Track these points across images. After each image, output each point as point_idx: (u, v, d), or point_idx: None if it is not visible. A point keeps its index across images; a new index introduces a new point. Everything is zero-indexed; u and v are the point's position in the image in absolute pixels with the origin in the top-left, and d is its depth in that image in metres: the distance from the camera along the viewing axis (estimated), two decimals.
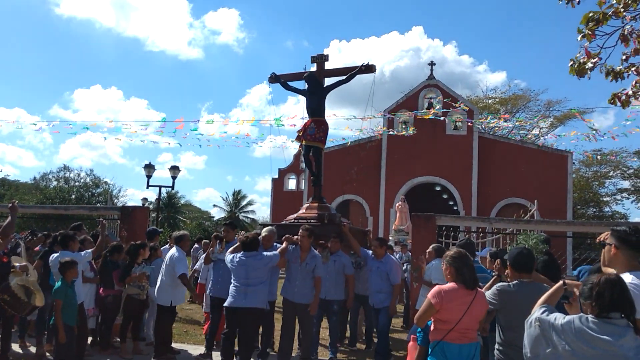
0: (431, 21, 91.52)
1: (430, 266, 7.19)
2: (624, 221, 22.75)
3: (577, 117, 20.34)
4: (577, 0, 4.80)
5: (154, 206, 30.75)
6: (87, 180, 38.86)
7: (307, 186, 26.26)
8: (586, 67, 4.71)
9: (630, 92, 4.89)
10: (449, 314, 3.88)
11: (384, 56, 72.67)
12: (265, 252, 6.41)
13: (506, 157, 26.25)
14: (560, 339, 2.68)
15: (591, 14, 4.54)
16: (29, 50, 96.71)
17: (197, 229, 40.29)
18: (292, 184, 30.78)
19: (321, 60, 10.44)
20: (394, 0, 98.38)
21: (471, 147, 26.22)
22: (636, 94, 4.89)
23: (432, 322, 4.02)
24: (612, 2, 4.52)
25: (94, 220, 11.53)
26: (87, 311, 7.01)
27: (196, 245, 13.27)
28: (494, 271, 5.19)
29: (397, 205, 21.32)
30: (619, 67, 4.81)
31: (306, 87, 10.14)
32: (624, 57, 4.75)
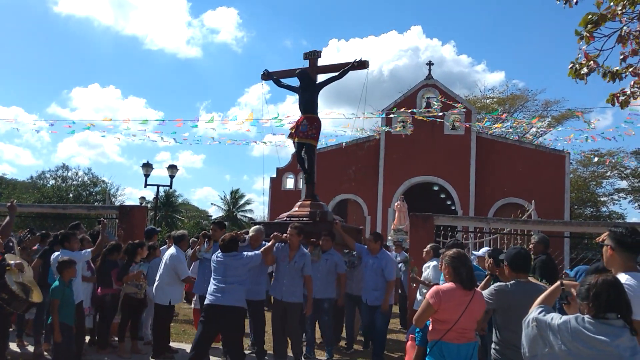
0: (430, 21, 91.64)
1: (428, 266, 7.21)
2: (622, 222, 22.80)
3: (577, 117, 20.34)
4: (575, 0, 4.80)
5: (152, 205, 30.71)
6: (85, 179, 38.82)
7: (304, 185, 26.24)
8: (582, 71, 4.72)
9: (628, 92, 4.90)
10: (447, 314, 3.90)
11: (382, 55, 72.70)
12: (245, 252, 6.31)
13: (504, 157, 26.26)
14: (556, 339, 2.70)
15: (590, 16, 4.56)
16: (27, 48, 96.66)
17: (195, 227, 40.25)
18: (290, 183, 30.74)
19: (314, 56, 10.34)
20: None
21: (469, 147, 26.25)
22: (634, 94, 4.91)
23: (430, 322, 4.04)
24: (609, 3, 4.54)
25: (92, 219, 11.51)
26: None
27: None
28: (486, 270, 5.20)
29: (396, 204, 21.30)
30: (615, 68, 4.82)
31: (299, 83, 10.03)
32: (621, 57, 4.76)
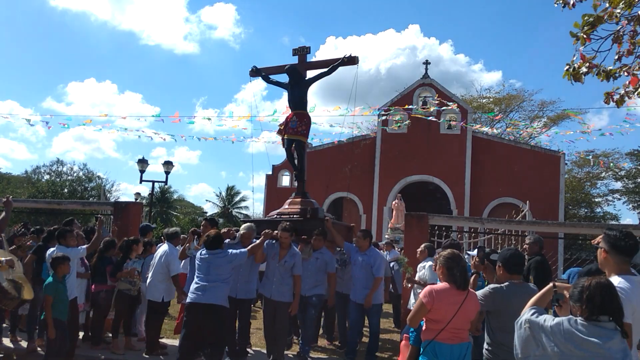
0: (427, 20, 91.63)
1: (423, 266, 7.21)
2: (617, 224, 22.87)
3: (572, 119, 20.40)
4: (573, 2, 4.82)
5: (147, 201, 30.66)
6: (80, 174, 38.76)
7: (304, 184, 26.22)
8: (581, 71, 4.74)
9: (622, 92, 4.92)
10: (440, 313, 3.91)
11: (380, 54, 72.72)
12: (230, 250, 6.20)
13: (499, 157, 26.36)
14: (549, 341, 2.72)
15: (586, 18, 4.57)
16: (23, 42, 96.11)
17: (190, 224, 40.23)
18: (285, 181, 30.73)
19: (303, 52, 10.16)
20: None
21: (465, 147, 26.33)
22: (629, 94, 4.92)
23: (424, 322, 4.06)
24: (606, 5, 4.55)
25: (86, 215, 11.48)
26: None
27: None
28: (472, 269, 5.19)
29: (393, 203, 21.35)
30: (610, 67, 4.84)
31: (288, 80, 9.82)
32: (617, 56, 4.77)
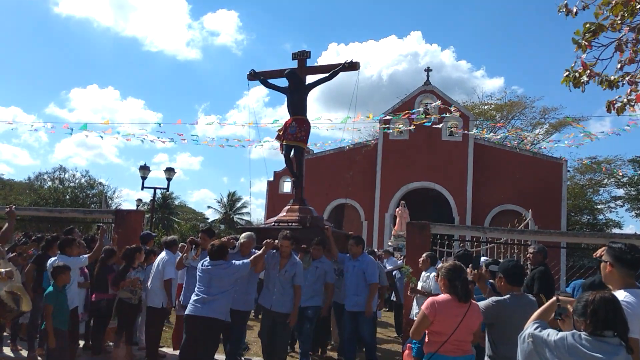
0: (430, 26, 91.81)
1: (427, 276, 7.13)
2: (620, 233, 22.78)
3: (574, 127, 20.36)
4: (575, 10, 4.81)
5: (149, 207, 30.64)
6: (82, 181, 38.72)
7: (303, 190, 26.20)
8: (582, 80, 4.73)
9: (625, 100, 4.92)
10: (442, 325, 3.89)
11: (382, 60, 72.81)
12: (234, 261, 5.97)
13: (501, 164, 26.33)
14: (553, 356, 2.69)
15: (588, 25, 4.57)
16: (27, 48, 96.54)
17: (191, 230, 40.18)
18: (287, 187, 30.69)
19: (303, 56, 10.03)
20: (393, 4, 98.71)
21: (466, 153, 26.30)
22: (630, 102, 4.92)
23: (426, 334, 4.02)
24: (608, 13, 4.55)
25: (88, 223, 11.47)
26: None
27: None
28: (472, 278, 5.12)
29: (397, 210, 21.29)
30: (612, 76, 4.84)
31: (287, 84, 9.68)
32: (619, 65, 4.77)
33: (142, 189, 22.79)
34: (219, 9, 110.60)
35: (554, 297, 3.07)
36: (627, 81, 4.80)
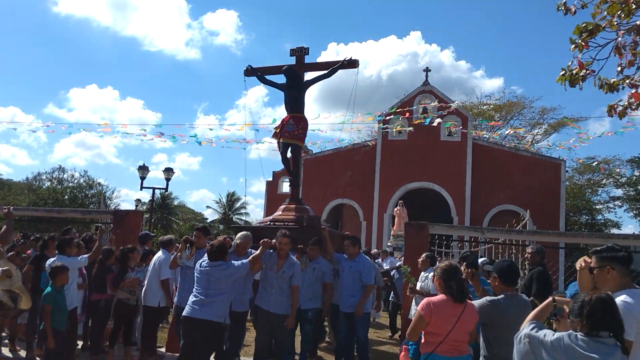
0: (429, 26, 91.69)
1: (427, 276, 7.12)
2: (619, 233, 22.75)
3: (572, 127, 20.38)
4: (574, 10, 4.82)
5: (148, 207, 30.65)
6: (81, 181, 38.70)
7: (300, 189, 26.20)
8: (578, 76, 4.74)
9: (626, 104, 4.93)
10: (438, 326, 3.89)
11: (381, 60, 72.71)
12: (233, 262, 5.84)
13: (500, 164, 26.33)
14: (549, 356, 2.70)
15: (584, 25, 4.58)
16: (26, 48, 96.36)
17: (190, 230, 40.17)
18: (286, 187, 30.69)
19: (301, 53, 9.84)
20: (392, 4, 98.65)
21: (465, 154, 26.31)
22: (631, 105, 4.93)
23: (422, 335, 4.03)
24: (605, 14, 4.57)
25: (86, 223, 11.46)
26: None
27: None
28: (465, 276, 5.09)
29: (396, 210, 21.30)
30: (612, 79, 4.85)
31: (285, 81, 9.54)
32: (619, 68, 4.77)
33: (141, 189, 22.83)
34: (218, 8, 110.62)
35: (550, 298, 3.07)
36: (628, 84, 4.82)
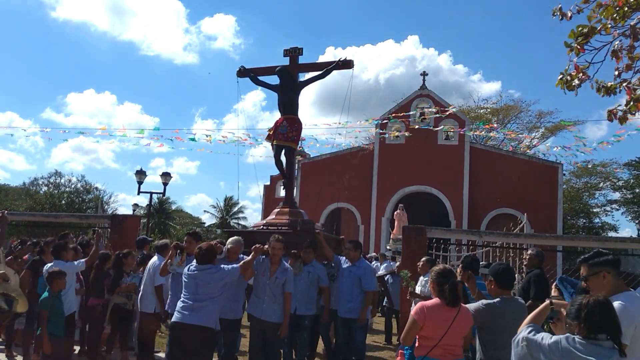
0: (427, 31, 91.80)
1: (425, 280, 7.10)
2: (617, 236, 22.70)
3: (569, 130, 20.48)
4: (570, 15, 4.83)
5: (145, 212, 30.61)
6: (78, 186, 38.60)
7: (298, 194, 26.21)
8: (573, 83, 4.76)
9: (625, 108, 4.93)
10: (432, 330, 3.89)
11: (379, 64, 72.75)
12: (223, 266, 5.59)
13: (497, 167, 26.36)
14: (547, 359, 2.70)
15: (580, 29, 4.60)
16: (23, 53, 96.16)
17: None
18: (283, 191, 30.77)
19: (295, 53, 9.72)
20: (390, 8, 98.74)
21: (463, 157, 26.35)
22: (631, 110, 4.93)
23: (417, 339, 4.02)
24: (600, 17, 4.58)
25: (84, 228, 11.46)
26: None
27: None
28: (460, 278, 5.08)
29: (395, 213, 21.31)
30: (609, 83, 4.85)
31: (279, 82, 9.41)
32: (616, 72, 4.78)
33: (138, 193, 22.86)
34: (216, 13, 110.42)
35: (547, 301, 3.08)
36: (625, 87, 4.82)
